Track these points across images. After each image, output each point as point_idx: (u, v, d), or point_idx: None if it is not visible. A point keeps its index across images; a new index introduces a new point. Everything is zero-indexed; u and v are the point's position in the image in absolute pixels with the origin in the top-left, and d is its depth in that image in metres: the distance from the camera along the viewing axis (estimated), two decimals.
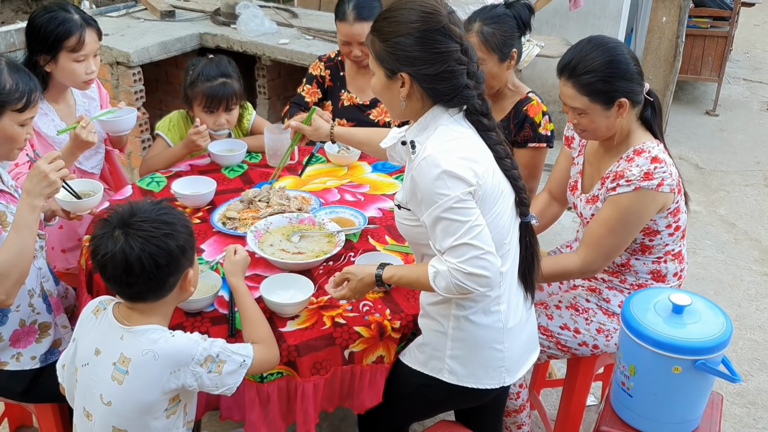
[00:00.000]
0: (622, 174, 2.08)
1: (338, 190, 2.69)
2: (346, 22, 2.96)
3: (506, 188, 1.82)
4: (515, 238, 1.88)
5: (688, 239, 4.24)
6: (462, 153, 1.71)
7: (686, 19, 4.50)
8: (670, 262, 2.26)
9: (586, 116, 2.11)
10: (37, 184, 1.94)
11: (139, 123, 4.38)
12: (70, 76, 2.56)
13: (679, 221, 2.19)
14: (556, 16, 5.24)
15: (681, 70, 5.63)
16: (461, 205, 1.67)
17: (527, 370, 2.03)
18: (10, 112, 1.95)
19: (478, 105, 1.78)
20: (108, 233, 1.64)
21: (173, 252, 1.65)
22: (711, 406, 2.09)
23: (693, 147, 5.64)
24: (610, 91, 2.06)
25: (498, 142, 1.82)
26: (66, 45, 2.49)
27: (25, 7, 8.07)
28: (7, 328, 2.07)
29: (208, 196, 2.53)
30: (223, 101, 2.82)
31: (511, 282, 1.90)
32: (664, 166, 2.07)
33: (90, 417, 1.73)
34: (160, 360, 1.65)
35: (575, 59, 2.09)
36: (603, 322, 2.31)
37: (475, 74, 1.76)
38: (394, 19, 1.72)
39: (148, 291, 1.68)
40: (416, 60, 1.70)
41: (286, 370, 1.91)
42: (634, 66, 2.09)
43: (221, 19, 4.70)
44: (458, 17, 1.76)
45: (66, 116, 2.68)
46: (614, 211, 2.10)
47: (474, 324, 1.86)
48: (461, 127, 1.78)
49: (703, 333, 1.90)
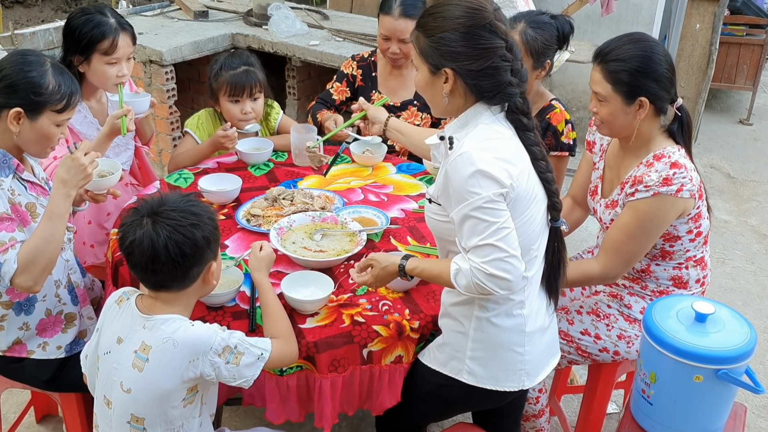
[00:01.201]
0: (641, 179, 2.07)
1: (362, 190, 2.70)
2: (391, 16, 2.98)
3: (540, 193, 1.82)
4: (544, 243, 1.88)
5: (717, 249, 4.23)
6: (499, 153, 1.71)
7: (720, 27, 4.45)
8: (692, 269, 2.23)
9: (606, 106, 2.11)
10: (75, 176, 1.99)
11: (170, 121, 4.44)
12: (101, 78, 2.60)
13: (700, 227, 2.16)
14: (588, 22, 5.21)
15: (715, 78, 5.56)
16: (491, 206, 1.67)
17: (547, 374, 2.02)
18: (50, 112, 2.00)
19: (520, 103, 1.77)
20: (137, 221, 1.69)
21: (198, 242, 1.69)
22: (734, 417, 2.05)
23: (725, 156, 5.55)
24: (633, 85, 2.05)
25: (535, 143, 1.81)
26: (99, 48, 2.53)
27: (65, 6, 8.24)
28: (34, 318, 2.12)
29: (233, 193, 2.56)
30: (247, 88, 2.86)
31: (535, 286, 1.89)
32: (684, 171, 2.05)
33: (110, 405, 1.76)
34: (180, 348, 1.67)
35: (611, 46, 2.10)
36: (624, 329, 2.29)
37: (518, 72, 1.75)
38: (439, 14, 1.73)
39: (172, 279, 1.71)
40: (460, 55, 1.71)
41: (305, 364, 1.93)
42: (666, 71, 2.07)
43: (253, 20, 4.75)
44: (504, 15, 1.76)
45: (98, 114, 2.73)
46: (633, 217, 2.09)
47: (495, 326, 1.86)
48: (501, 127, 1.77)
49: (726, 342, 1.87)
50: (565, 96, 5.52)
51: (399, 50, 3.02)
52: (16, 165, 2.05)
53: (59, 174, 1.99)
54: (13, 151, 2.05)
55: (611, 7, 4.33)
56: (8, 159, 2.02)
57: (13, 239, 1.92)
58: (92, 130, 2.68)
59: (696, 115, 4.65)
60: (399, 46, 3.01)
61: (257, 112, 2.94)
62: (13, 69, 1.97)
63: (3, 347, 2.12)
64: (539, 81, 2.64)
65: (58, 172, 2.00)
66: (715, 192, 4.98)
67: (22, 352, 2.14)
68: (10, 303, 2.07)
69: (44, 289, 2.11)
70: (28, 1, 8.12)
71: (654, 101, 2.07)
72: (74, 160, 1.99)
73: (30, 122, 1.98)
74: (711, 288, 3.83)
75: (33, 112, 1.98)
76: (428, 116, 3.21)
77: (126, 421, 1.73)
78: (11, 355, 2.13)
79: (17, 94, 1.96)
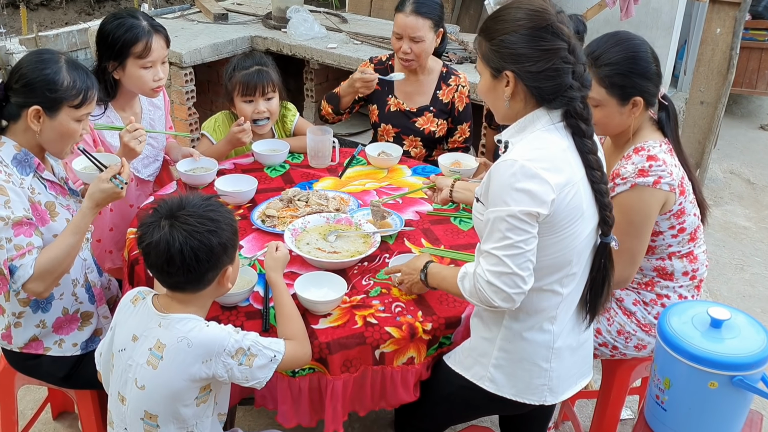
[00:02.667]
0: (618, 173, 2.08)
1: (377, 192, 2.71)
2: (403, 13, 2.99)
3: (589, 210, 1.76)
4: (586, 260, 1.83)
5: (736, 255, 4.18)
6: (546, 164, 1.66)
7: (741, 31, 4.39)
8: (675, 260, 2.22)
9: (601, 109, 2.11)
10: (106, 199, 2.06)
11: (189, 123, 4.48)
12: (138, 83, 2.60)
13: (684, 223, 2.16)
14: (607, 26, 5.17)
15: (735, 83, 5.51)
16: (515, 223, 1.65)
17: (573, 393, 1.98)
18: (67, 108, 2.03)
19: (579, 108, 1.73)
20: (155, 222, 1.70)
21: (214, 248, 1.70)
22: (749, 425, 2.03)
23: (745, 162, 5.50)
24: (627, 86, 2.07)
25: (592, 151, 1.76)
26: (133, 51, 2.53)
27: (88, 9, 8.34)
28: (51, 316, 2.15)
29: (249, 194, 2.58)
30: (260, 86, 2.87)
31: (571, 304, 1.86)
32: (662, 164, 2.05)
33: (124, 401, 1.78)
34: (194, 348, 1.69)
35: (598, 50, 2.10)
36: (623, 323, 2.28)
37: (581, 75, 1.71)
38: (501, 18, 1.72)
39: (187, 282, 1.73)
40: (521, 57, 1.68)
41: (317, 367, 1.94)
42: (654, 66, 2.10)
43: (272, 22, 4.78)
44: (567, 17, 1.74)
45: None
46: (619, 214, 2.02)
47: (523, 338, 1.85)
48: (557, 136, 1.73)
49: (742, 348, 1.85)
50: None
51: (410, 50, 3.02)
52: (37, 164, 2.08)
53: (95, 197, 2.04)
54: (34, 151, 2.08)
55: (631, 11, 4.29)
56: (30, 158, 2.05)
57: (30, 244, 1.95)
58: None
59: (716, 121, 4.60)
60: (410, 45, 3.01)
61: (272, 112, 2.96)
62: (29, 68, 2.01)
63: (20, 344, 2.15)
64: None
65: (94, 194, 2.04)
66: (734, 198, 4.93)
67: (38, 349, 2.16)
68: (28, 300, 2.10)
69: (61, 287, 2.14)
70: (53, 4, 8.23)
71: (646, 97, 2.10)
72: (116, 194, 2.06)
73: (49, 120, 2.01)
74: (729, 294, 3.81)
75: (51, 109, 2.01)
76: (444, 122, 3.21)
77: (140, 418, 1.75)
78: (28, 351, 2.16)
79: (34, 92, 1.99)
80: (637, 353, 2.31)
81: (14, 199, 1.95)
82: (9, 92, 2.02)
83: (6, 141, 2.03)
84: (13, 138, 2.04)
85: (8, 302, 2.10)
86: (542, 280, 1.77)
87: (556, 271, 1.77)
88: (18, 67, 2.03)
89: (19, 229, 1.94)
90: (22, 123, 2.02)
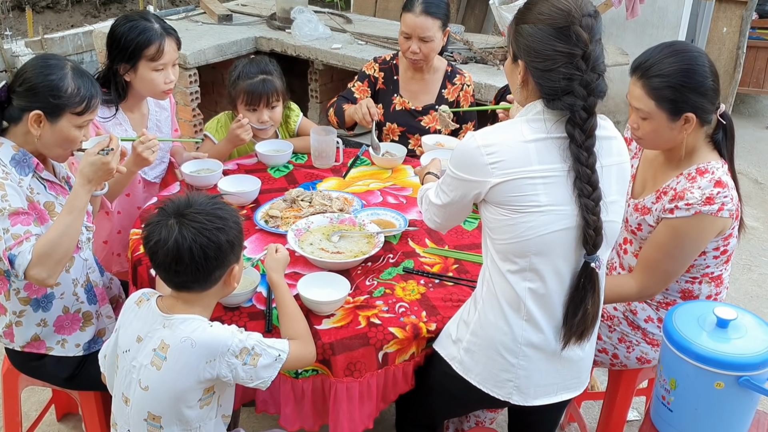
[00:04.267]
0: (682, 195, 1.99)
1: (381, 193, 2.70)
2: (412, 12, 2.98)
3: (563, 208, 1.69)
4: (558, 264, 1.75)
5: (744, 255, 4.16)
6: (496, 150, 1.68)
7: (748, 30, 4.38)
8: (704, 284, 2.16)
9: (650, 122, 2.01)
10: (101, 177, 2.03)
11: (194, 124, 4.48)
12: (149, 86, 2.60)
13: (728, 245, 2.10)
14: (613, 25, 5.16)
15: (742, 82, 5.49)
16: (450, 182, 1.81)
17: (549, 402, 1.90)
18: (69, 115, 2.02)
19: (582, 117, 1.66)
20: (163, 221, 1.70)
21: (223, 246, 1.70)
22: (756, 425, 2.01)
23: (753, 162, 5.47)
24: (678, 101, 1.95)
25: (588, 165, 1.68)
26: (145, 54, 2.53)
27: (94, 11, 8.37)
28: (51, 315, 2.14)
29: (252, 194, 2.57)
30: (264, 97, 2.86)
31: (543, 305, 1.78)
32: (727, 190, 1.98)
33: (128, 402, 1.77)
34: (197, 348, 1.68)
35: (651, 60, 1.99)
36: (626, 333, 2.26)
37: (589, 85, 1.64)
38: (530, 5, 1.71)
39: (194, 281, 1.73)
40: (531, 51, 1.67)
41: (321, 368, 1.93)
42: (711, 82, 1.96)
43: (276, 23, 4.78)
44: (593, 23, 1.66)
45: (138, 125, 2.74)
46: (671, 236, 2.01)
47: (491, 325, 1.82)
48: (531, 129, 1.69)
49: (749, 348, 1.83)
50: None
51: (419, 50, 3.01)
52: (35, 164, 2.07)
53: (84, 171, 2.01)
54: (34, 153, 2.08)
55: (636, 11, 4.28)
56: (28, 158, 2.05)
57: (28, 232, 1.93)
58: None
59: None
60: (419, 45, 3.00)
61: (275, 120, 2.95)
62: (33, 72, 2.00)
63: (21, 342, 2.15)
64: None
65: (83, 170, 2.01)
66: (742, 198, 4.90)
67: (40, 349, 2.16)
68: (28, 299, 2.10)
69: (62, 286, 2.13)
70: (58, 6, 8.26)
71: (699, 114, 1.97)
72: (104, 164, 2.01)
73: (50, 125, 2.01)
74: (736, 295, 3.78)
75: (53, 115, 2.00)
76: None
77: (143, 419, 1.75)
78: (30, 351, 2.16)
79: (37, 97, 1.98)
80: (640, 365, 2.29)
81: (11, 194, 1.94)
82: (12, 95, 2.02)
83: (4, 142, 2.03)
84: (12, 140, 2.04)
85: (9, 301, 2.10)
86: (505, 264, 1.77)
87: (517, 259, 1.73)
88: (23, 71, 2.03)
89: (16, 218, 1.93)
90: (23, 126, 2.02)
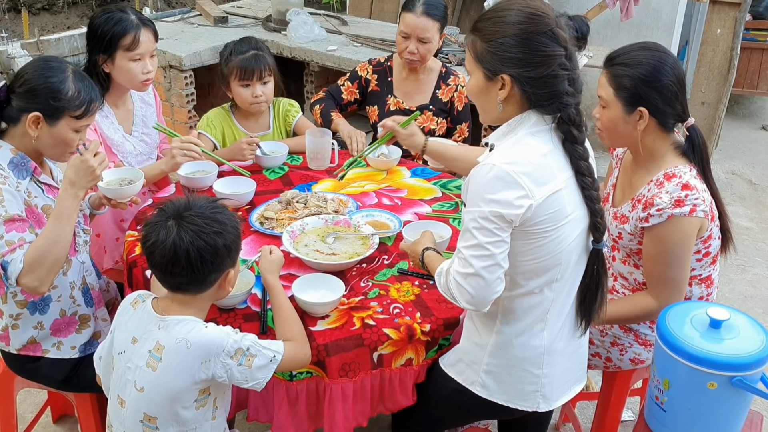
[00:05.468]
0: (651, 201, 2.02)
1: (376, 194, 2.70)
2: (413, 13, 2.99)
3: (579, 212, 1.75)
4: (577, 264, 1.81)
5: (738, 256, 4.16)
6: (525, 168, 1.65)
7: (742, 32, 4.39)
8: (695, 286, 2.19)
9: (607, 111, 2.08)
10: (83, 177, 2.00)
11: (189, 125, 4.48)
12: (127, 75, 2.62)
13: (709, 247, 2.12)
14: (608, 27, 5.18)
15: (737, 83, 5.51)
16: (484, 224, 1.65)
17: (568, 399, 1.97)
18: (68, 118, 2.03)
19: (573, 114, 1.71)
20: (161, 222, 1.70)
21: (220, 250, 1.70)
22: (749, 425, 2.02)
23: (747, 162, 5.49)
24: (634, 92, 2.01)
25: (583, 158, 1.74)
26: (122, 44, 2.56)
27: (90, 13, 8.35)
28: (48, 318, 2.15)
29: (247, 196, 2.58)
30: (257, 71, 2.89)
31: (561, 309, 1.84)
32: (696, 192, 2.00)
33: (123, 404, 1.77)
34: (192, 349, 1.69)
35: (621, 52, 2.07)
36: (618, 336, 2.27)
37: (575, 82, 1.69)
38: (499, 19, 1.68)
39: (189, 283, 1.73)
40: (521, 62, 1.66)
41: (315, 371, 1.93)
42: (670, 83, 2.01)
43: (272, 25, 4.78)
44: (565, 21, 1.71)
45: (123, 120, 2.75)
46: (658, 246, 2.04)
47: (514, 345, 1.84)
48: (540, 141, 1.70)
49: (741, 349, 1.84)
50: (584, 102, 5.44)
51: (416, 50, 3.03)
52: (33, 168, 2.07)
53: (67, 175, 2.00)
54: (32, 155, 2.08)
55: (631, 12, 4.29)
56: (26, 162, 2.05)
57: (22, 239, 1.94)
58: (117, 136, 2.71)
59: (717, 121, 4.59)
60: (417, 46, 3.02)
61: (267, 96, 2.97)
62: (34, 74, 2.01)
63: (17, 346, 2.15)
64: None
65: (66, 173, 2.01)
66: (736, 199, 4.92)
67: (36, 351, 2.16)
68: (25, 302, 2.10)
69: (59, 289, 2.14)
70: (54, 8, 8.25)
71: (655, 113, 2.02)
72: (83, 161, 1.99)
73: (49, 127, 2.01)
74: (730, 295, 3.80)
75: (52, 117, 2.01)
76: (443, 121, 3.22)
77: (139, 420, 1.75)
78: (26, 353, 2.16)
79: (37, 98, 1.99)
80: (634, 366, 2.30)
81: (8, 199, 1.94)
82: (12, 95, 2.02)
83: (3, 144, 2.03)
84: (10, 142, 2.04)
85: (5, 304, 2.10)
86: (530, 283, 1.76)
87: (544, 274, 1.76)
88: (23, 72, 2.04)
89: (10, 225, 1.93)
90: (21, 127, 2.02)
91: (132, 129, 2.78)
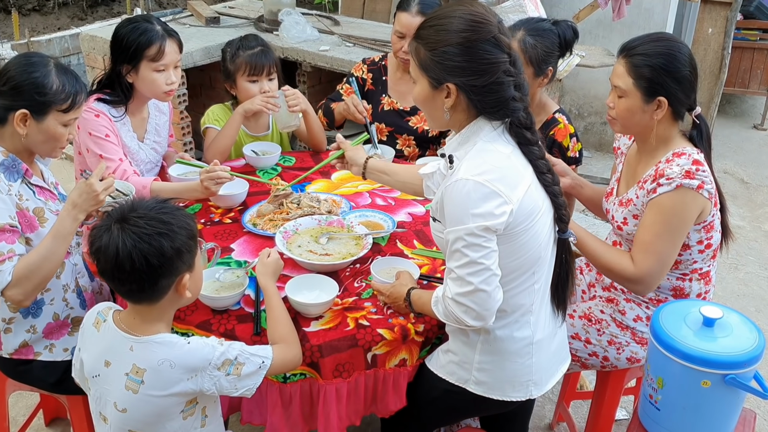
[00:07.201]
0: (662, 173, 2.02)
1: (369, 194, 2.70)
2: (408, 12, 2.99)
3: (545, 206, 1.79)
4: (550, 254, 1.85)
5: (730, 254, 4.18)
6: (496, 175, 1.66)
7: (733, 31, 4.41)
8: (695, 282, 2.18)
9: (625, 101, 2.08)
10: (86, 201, 2.00)
11: (182, 126, 4.46)
12: (151, 86, 2.60)
13: (711, 239, 2.12)
14: (599, 27, 5.19)
15: (728, 83, 5.53)
16: (472, 240, 1.66)
17: (556, 381, 2.00)
18: (55, 112, 2.01)
19: (523, 118, 1.73)
20: (106, 226, 1.62)
21: (166, 252, 1.60)
22: (743, 423, 2.03)
23: (739, 161, 5.51)
24: (655, 82, 2.02)
25: (540, 157, 1.77)
26: (147, 54, 2.54)
27: (81, 14, 8.32)
28: (41, 321, 2.13)
29: (240, 196, 2.57)
30: (266, 66, 2.92)
31: (543, 297, 1.88)
32: (705, 170, 2.02)
33: (106, 420, 1.74)
34: (177, 368, 1.64)
35: (638, 42, 2.08)
36: (615, 334, 2.27)
37: (521, 86, 1.71)
38: (442, 27, 1.67)
39: (140, 291, 1.64)
40: (465, 70, 1.66)
41: (309, 372, 1.92)
42: (688, 72, 2.04)
43: (264, 25, 4.77)
44: (506, 27, 1.73)
45: (137, 128, 2.74)
46: (657, 214, 2.03)
47: (504, 339, 1.85)
48: (501, 144, 1.73)
49: (734, 347, 1.85)
50: (577, 101, 5.50)
51: None
52: (25, 170, 2.06)
53: (71, 197, 2.00)
54: (22, 155, 2.07)
55: (623, 12, 4.30)
56: (17, 164, 2.04)
57: (11, 251, 1.93)
58: (133, 143, 2.70)
59: (709, 120, 4.61)
60: None
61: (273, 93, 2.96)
62: (17, 71, 1.99)
63: (10, 350, 2.13)
64: (542, 89, 2.63)
65: (70, 195, 2.01)
66: (728, 197, 4.89)
67: (29, 354, 2.15)
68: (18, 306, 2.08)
69: (52, 293, 2.12)
70: (45, 9, 8.21)
71: (672, 103, 2.04)
72: (88, 185, 1.99)
73: (36, 123, 2.00)
74: (723, 293, 3.81)
75: (39, 113, 1.99)
76: None
77: None
78: (18, 357, 2.14)
79: (22, 95, 1.97)
80: (630, 365, 2.30)
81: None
82: None
83: None
84: (0, 143, 2.03)
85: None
86: (518, 280, 1.79)
87: (529, 269, 1.78)
88: (6, 70, 2.02)
89: (1, 235, 1.92)
90: (9, 127, 2.01)
91: (144, 137, 2.77)
